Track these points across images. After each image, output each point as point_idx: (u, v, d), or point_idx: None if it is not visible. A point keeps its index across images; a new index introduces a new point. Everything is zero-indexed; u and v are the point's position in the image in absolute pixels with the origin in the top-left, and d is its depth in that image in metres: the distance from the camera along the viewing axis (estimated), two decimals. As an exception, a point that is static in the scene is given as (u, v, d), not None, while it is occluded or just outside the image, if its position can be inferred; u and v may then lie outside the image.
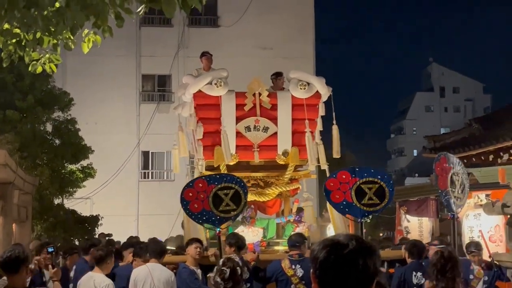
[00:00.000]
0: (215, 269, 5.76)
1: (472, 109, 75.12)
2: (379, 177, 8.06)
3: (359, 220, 8.00)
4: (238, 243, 8.09)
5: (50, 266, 6.93)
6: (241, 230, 10.10)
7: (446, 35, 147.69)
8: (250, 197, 10.21)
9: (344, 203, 7.93)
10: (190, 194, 7.77)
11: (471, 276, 8.25)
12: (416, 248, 7.91)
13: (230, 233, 8.98)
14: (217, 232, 7.86)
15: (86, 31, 4.33)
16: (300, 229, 10.28)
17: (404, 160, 78.70)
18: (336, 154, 10.67)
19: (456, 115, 73.95)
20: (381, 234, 29.87)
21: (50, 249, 7.92)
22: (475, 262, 8.40)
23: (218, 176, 8.13)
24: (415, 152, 69.22)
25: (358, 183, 7.93)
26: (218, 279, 5.55)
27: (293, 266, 7.70)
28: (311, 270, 2.37)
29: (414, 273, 7.59)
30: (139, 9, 3.80)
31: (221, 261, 5.79)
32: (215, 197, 7.72)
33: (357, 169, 8.25)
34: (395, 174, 70.17)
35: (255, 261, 8.28)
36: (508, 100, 20.24)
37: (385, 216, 29.98)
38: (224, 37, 26.95)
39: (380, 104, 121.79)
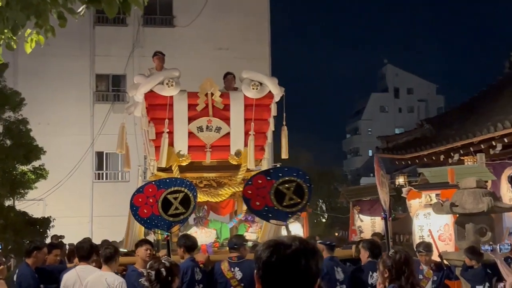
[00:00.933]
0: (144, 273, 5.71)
1: (425, 109, 76.34)
2: (294, 174, 7.92)
3: (285, 223, 7.85)
4: (187, 243, 8.03)
5: None
6: (194, 231, 10.06)
7: (401, 36, 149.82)
8: (203, 198, 10.21)
9: (266, 208, 7.74)
10: (140, 200, 7.65)
11: (420, 276, 8.38)
12: (377, 248, 7.90)
13: (181, 235, 8.93)
14: (165, 236, 7.70)
15: (28, 31, 4.25)
16: (253, 229, 10.29)
17: (359, 160, 79.51)
18: (285, 155, 10.73)
19: (410, 115, 75.05)
20: (336, 234, 30.18)
21: None
22: (424, 262, 8.55)
23: (167, 180, 8.01)
24: (370, 152, 69.97)
25: (275, 185, 7.76)
26: (146, 283, 5.48)
27: (232, 269, 7.64)
28: (255, 270, 2.38)
29: (370, 273, 7.62)
30: (80, 9, 3.75)
31: (148, 264, 5.71)
32: (164, 202, 7.62)
33: (271, 171, 8.10)
34: (351, 174, 70.82)
35: (205, 263, 8.23)
36: (460, 101, 20.89)
37: (340, 216, 30.34)
38: (180, 37, 26.82)
39: (336, 104, 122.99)
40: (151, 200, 7.63)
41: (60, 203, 23.44)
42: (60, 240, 14.98)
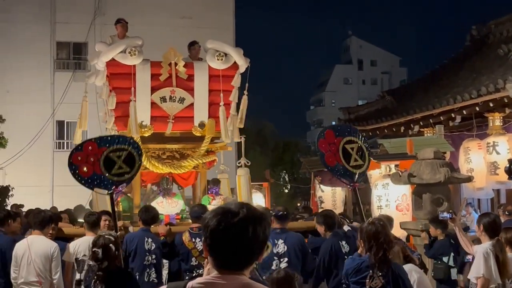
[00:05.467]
0: (87, 253, 5.37)
1: (388, 81, 76.93)
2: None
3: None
4: (143, 217, 8.02)
5: None
6: (160, 201, 10.02)
7: (365, 8, 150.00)
8: (166, 169, 10.15)
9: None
10: (79, 158, 7.34)
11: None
12: (331, 219, 7.96)
13: (142, 206, 8.88)
14: (109, 194, 7.44)
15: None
16: (216, 201, 10.24)
17: (323, 131, 79.91)
18: (241, 123, 10.70)
19: (373, 87, 75.46)
20: (298, 204, 30.44)
21: None
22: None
23: (109, 138, 7.71)
24: (333, 124, 70.42)
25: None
26: (91, 262, 5.15)
27: (193, 239, 7.60)
28: (203, 238, 2.40)
29: (341, 242, 7.71)
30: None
31: (91, 242, 5.41)
32: (106, 160, 7.33)
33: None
34: (314, 145, 71.24)
35: (167, 235, 8.23)
36: (423, 73, 21.10)
37: (302, 186, 30.56)
38: (143, 5, 26.40)
39: (301, 76, 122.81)
40: (91, 158, 7.31)
41: (20, 172, 23.15)
42: (19, 209, 14.84)
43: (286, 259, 7.37)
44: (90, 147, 7.44)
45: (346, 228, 8.07)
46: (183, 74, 10.02)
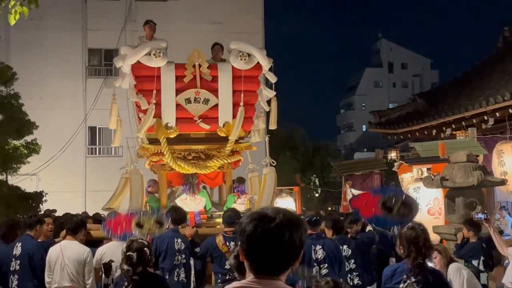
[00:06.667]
0: (121, 257, 5.36)
1: (419, 84, 76.17)
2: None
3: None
4: (174, 217, 8.12)
5: None
6: (184, 197, 10.09)
7: (395, 10, 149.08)
8: (191, 170, 10.23)
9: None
10: (112, 223, 7.59)
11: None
12: (339, 224, 8.08)
13: (171, 206, 8.98)
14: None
15: (12, 2, 4.18)
16: (241, 200, 10.28)
17: (353, 135, 79.48)
18: (273, 125, 10.73)
19: (404, 90, 74.78)
20: (329, 208, 30.35)
21: None
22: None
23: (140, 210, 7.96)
24: (364, 127, 69.91)
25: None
26: (126, 266, 5.11)
27: (227, 243, 7.66)
28: (239, 243, 2.40)
29: (342, 246, 7.74)
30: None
31: (124, 246, 5.29)
32: (138, 224, 7.50)
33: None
34: (344, 149, 70.87)
35: (194, 237, 8.29)
36: (455, 75, 20.85)
37: (333, 190, 30.43)
38: (173, 11, 26.59)
39: (330, 79, 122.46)
40: (124, 223, 7.53)
41: (53, 178, 23.42)
42: (52, 214, 14.99)
43: (326, 265, 7.33)
44: (122, 216, 7.65)
45: (368, 228, 8.20)
46: (207, 75, 10.09)
